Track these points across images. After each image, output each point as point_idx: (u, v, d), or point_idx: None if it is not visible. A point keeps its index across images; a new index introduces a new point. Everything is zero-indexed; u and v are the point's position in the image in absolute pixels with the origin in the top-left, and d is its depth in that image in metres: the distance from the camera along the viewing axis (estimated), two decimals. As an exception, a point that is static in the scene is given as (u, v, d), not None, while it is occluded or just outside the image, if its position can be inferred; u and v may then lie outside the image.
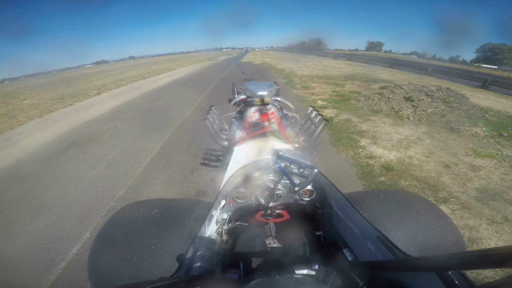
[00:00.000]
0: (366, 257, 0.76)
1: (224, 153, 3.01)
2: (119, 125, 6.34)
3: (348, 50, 75.75)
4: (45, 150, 5.16)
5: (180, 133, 5.30)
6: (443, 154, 3.91)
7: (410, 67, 17.65)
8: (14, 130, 7.24)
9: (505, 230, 2.33)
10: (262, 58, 34.45)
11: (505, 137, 4.57)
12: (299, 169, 1.02)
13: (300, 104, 7.35)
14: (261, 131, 1.81)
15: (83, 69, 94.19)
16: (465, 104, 6.02)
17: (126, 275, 0.85)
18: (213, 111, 2.21)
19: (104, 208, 2.93)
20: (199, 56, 69.76)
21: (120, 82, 16.69)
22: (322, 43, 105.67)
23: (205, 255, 0.81)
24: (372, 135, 4.74)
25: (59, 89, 17.35)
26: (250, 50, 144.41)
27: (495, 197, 2.81)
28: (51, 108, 9.83)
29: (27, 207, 3.10)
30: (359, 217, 0.82)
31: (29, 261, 2.23)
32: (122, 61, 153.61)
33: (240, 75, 15.07)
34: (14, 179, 3.93)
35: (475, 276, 1.79)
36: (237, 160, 1.43)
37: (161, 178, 3.48)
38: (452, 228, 0.97)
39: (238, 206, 1.16)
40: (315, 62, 23.16)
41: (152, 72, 22.83)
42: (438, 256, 0.47)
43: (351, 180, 3.26)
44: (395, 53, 69.92)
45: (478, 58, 64.75)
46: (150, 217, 1.04)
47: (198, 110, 7.19)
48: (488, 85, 11.03)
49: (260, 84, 2.50)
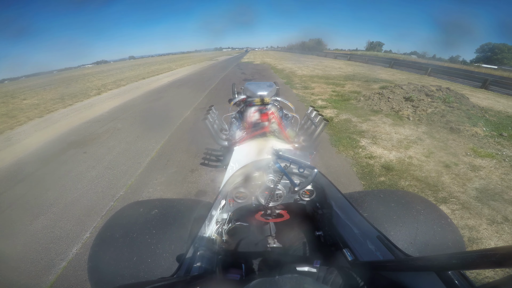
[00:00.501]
0: (366, 257, 0.76)
1: (224, 153, 3.01)
2: (119, 125, 6.34)
3: (348, 50, 75.74)
4: (45, 150, 5.16)
5: (180, 133, 5.30)
6: (443, 154, 3.90)
7: (410, 67, 17.65)
8: (14, 130, 7.24)
9: (505, 230, 2.33)
10: (262, 58, 34.43)
11: (505, 137, 4.57)
12: (299, 169, 1.02)
13: (300, 104, 7.35)
14: (261, 131, 1.81)
15: (83, 69, 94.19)
16: (465, 104, 6.02)
17: (126, 275, 0.85)
18: (213, 111, 2.21)
19: (104, 208, 2.93)
20: (199, 56, 69.72)
21: (120, 82, 16.68)
22: (322, 43, 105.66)
23: (205, 255, 0.81)
24: (372, 135, 4.74)
25: (59, 89, 17.35)
26: (250, 50, 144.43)
27: (495, 197, 2.81)
28: (51, 108, 9.83)
29: (27, 207, 3.10)
30: (359, 217, 0.82)
31: (29, 261, 2.23)
32: (122, 61, 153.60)
33: (240, 75, 15.06)
34: (14, 179, 3.93)
35: (475, 276, 1.79)
36: (237, 160, 1.42)
37: (161, 178, 3.48)
38: (452, 228, 0.97)
39: (238, 206, 1.16)
40: (315, 62, 23.15)
41: (152, 72, 22.82)
42: (438, 256, 0.47)
43: (351, 180, 3.26)
44: (395, 53, 69.92)
45: (478, 58, 64.74)
46: (150, 217, 1.03)
47: (198, 110, 7.19)
48: (488, 85, 11.03)
49: (260, 84, 2.49)
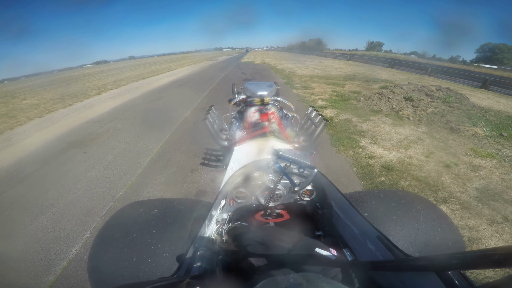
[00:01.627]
0: (366, 257, 0.76)
1: (224, 153, 3.01)
2: (119, 125, 6.34)
3: (348, 50, 75.75)
4: (45, 150, 5.16)
5: (180, 133, 5.30)
6: (443, 154, 3.90)
7: (410, 67, 17.65)
8: (14, 130, 7.24)
9: (505, 230, 2.33)
10: (262, 58, 34.44)
11: (505, 137, 4.57)
12: (299, 169, 1.02)
13: (300, 104, 7.35)
14: (261, 131, 1.81)
15: (83, 69, 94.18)
16: (465, 104, 6.01)
17: (126, 275, 0.85)
18: (213, 111, 2.21)
19: (104, 208, 2.93)
20: (199, 56, 69.72)
21: (120, 82, 16.68)
22: (322, 43, 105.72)
23: (205, 255, 0.81)
24: (372, 135, 4.74)
25: (59, 89, 17.35)
26: (250, 50, 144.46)
27: (495, 197, 2.81)
28: (51, 108, 9.83)
29: (27, 207, 3.10)
30: (359, 217, 0.82)
31: (29, 261, 2.23)
32: (122, 61, 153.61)
33: (240, 75, 15.06)
34: (14, 179, 3.93)
35: (475, 276, 1.79)
36: (237, 160, 1.42)
37: (161, 178, 3.48)
38: (452, 228, 0.97)
39: (238, 206, 1.16)
40: (315, 62, 23.15)
41: (152, 72, 22.82)
42: (438, 256, 0.47)
43: (351, 180, 3.26)
44: (395, 53, 69.92)
45: (478, 58, 64.78)
46: (150, 217, 1.03)
47: (198, 110, 7.19)
48: (488, 85, 11.03)
49: (260, 84, 2.49)
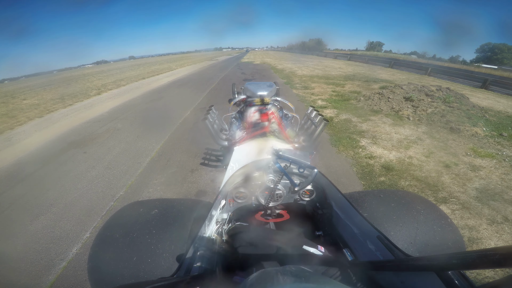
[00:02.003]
0: (366, 257, 0.76)
1: (224, 153, 3.01)
2: (119, 125, 6.34)
3: (348, 50, 75.76)
4: (45, 150, 5.16)
5: (180, 133, 5.30)
6: (443, 154, 3.90)
7: (410, 67, 17.66)
8: (14, 130, 7.24)
9: (505, 230, 2.33)
10: (262, 58, 34.45)
11: (505, 137, 4.57)
12: (299, 169, 1.01)
13: (300, 104, 7.35)
14: (261, 131, 1.81)
15: (83, 69, 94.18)
16: (465, 104, 6.01)
17: (126, 275, 0.85)
18: (213, 111, 2.21)
19: (104, 208, 2.93)
20: (199, 56, 69.74)
21: (120, 82, 16.68)
22: (322, 43, 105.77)
23: (205, 255, 0.81)
24: (372, 135, 4.74)
25: (59, 89, 17.35)
26: (250, 50, 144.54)
27: (495, 197, 2.81)
28: (51, 108, 9.83)
29: (27, 207, 3.10)
30: (359, 217, 0.82)
31: (29, 261, 2.23)
32: (122, 61, 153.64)
33: (240, 75, 15.06)
34: (14, 179, 3.93)
35: (475, 276, 1.79)
36: (237, 160, 1.42)
37: (161, 178, 3.48)
38: (452, 228, 0.96)
39: (238, 206, 1.16)
40: (315, 62, 23.15)
41: (152, 72, 22.82)
42: (438, 256, 0.47)
43: (351, 180, 3.26)
44: (395, 53, 69.95)
45: (478, 58, 64.83)
46: (150, 217, 1.03)
47: (198, 110, 7.19)
48: (488, 85, 11.03)
49: (260, 84, 2.49)
